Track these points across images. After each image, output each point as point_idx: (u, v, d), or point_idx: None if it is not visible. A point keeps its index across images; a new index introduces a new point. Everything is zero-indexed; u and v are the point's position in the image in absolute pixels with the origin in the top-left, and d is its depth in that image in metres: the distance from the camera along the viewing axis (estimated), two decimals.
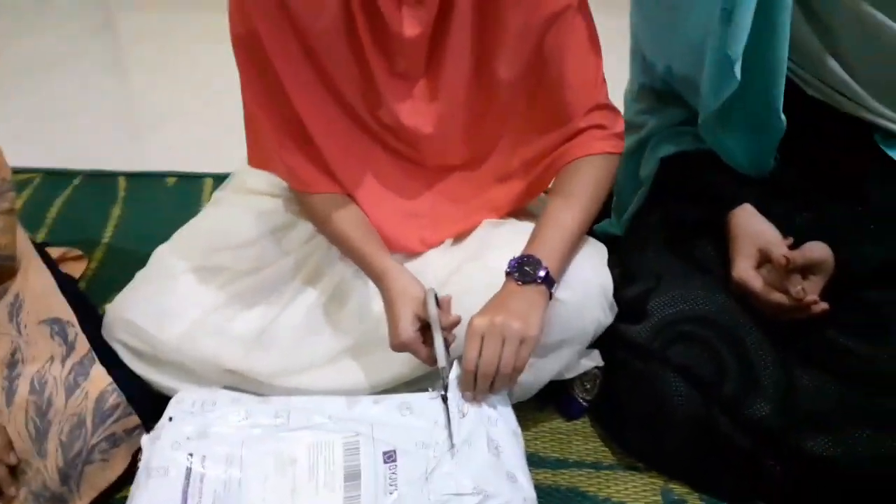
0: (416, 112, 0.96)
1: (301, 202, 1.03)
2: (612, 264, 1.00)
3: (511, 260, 0.89)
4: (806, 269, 0.89)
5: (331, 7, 0.88)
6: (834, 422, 0.83)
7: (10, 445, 0.87)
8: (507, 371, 0.82)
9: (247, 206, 1.14)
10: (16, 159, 1.71)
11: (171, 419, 0.83)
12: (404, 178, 1.03)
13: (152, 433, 0.84)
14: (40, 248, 1.15)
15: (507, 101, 0.95)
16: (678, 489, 0.93)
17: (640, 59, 1.16)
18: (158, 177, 1.69)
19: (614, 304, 0.97)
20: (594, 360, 0.99)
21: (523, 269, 0.87)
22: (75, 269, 1.34)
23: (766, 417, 0.84)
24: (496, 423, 0.82)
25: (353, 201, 1.00)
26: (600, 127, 0.96)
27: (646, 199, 1.14)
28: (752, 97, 0.92)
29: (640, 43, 1.14)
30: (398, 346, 0.87)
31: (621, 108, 1.05)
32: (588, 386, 1.01)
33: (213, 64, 2.21)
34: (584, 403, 1.02)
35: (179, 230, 1.14)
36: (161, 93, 2.22)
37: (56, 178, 1.68)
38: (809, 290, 0.87)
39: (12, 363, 0.93)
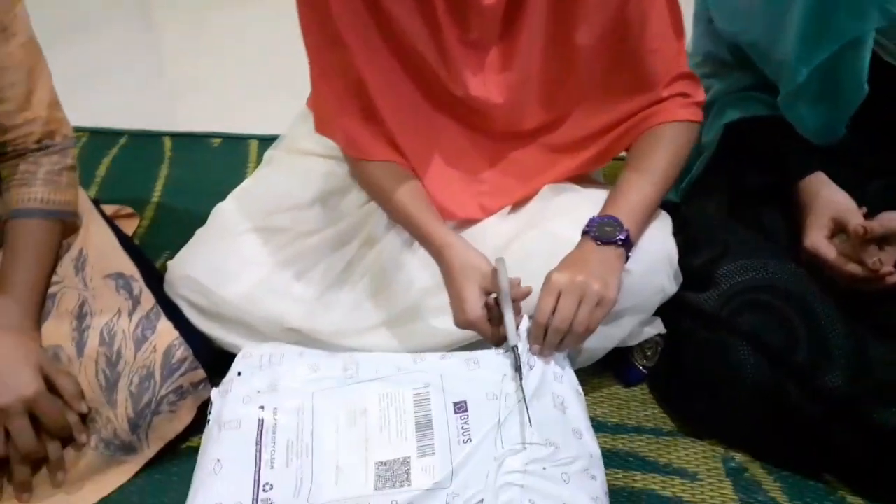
0: (485, 82, 0.94)
1: (356, 170, 1.01)
2: (675, 232, 0.99)
3: (591, 219, 0.88)
4: (882, 240, 0.87)
5: None
6: None
7: (81, 394, 0.89)
8: (580, 330, 0.81)
9: (302, 167, 1.13)
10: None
11: (239, 374, 0.84)
12: (469, 145, 1.01)
13: (221, 387, 0.84)
14: (95, 205, 1.16)
15: (585, 68, 0.93)
16: (739, 457, 0.92)
17: (704, 25, 1.13)
18: (203, 137, 1.69)
19: (679, 272, 0.96)
20: (656, 327, 0.98)
21: (603, 229, 0.86)
22: (128, 227, 1.34)
23: (838, 388, 0.83)
24: (561, 380, 0.82)
25: (410, 170, 0.98)
26: (683, 95, 0.95)
27: (707, 166, 1.12)
28: (841, 65, 0.90)
29: (712, 9, 1.10)
30: (464, 323, 0.85)
31: None
32: (648, 353, 1.00)
33: (246, 26, 2.20)
34: (644, 370, 1.01)
35: (237, 189, 1.13)
36: (197, 54, 2.21)
37: (103, 138, 1.69)
38: (886, 261, 0.85)
39: (81, 315, 0.94)
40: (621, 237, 0.86)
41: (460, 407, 0.78)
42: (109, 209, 1.32)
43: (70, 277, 0.98)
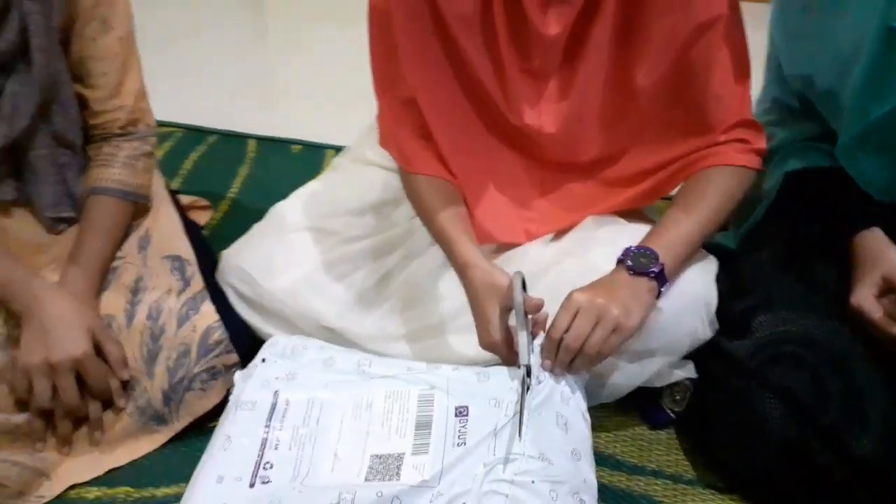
0: (540, 111, 0.95)
1: (406, 183, 1.04)
2: (722, 277, 0.96)
3: (627, 248, 0.87)
4: None
5: None
6: None
7: (125, 362, 0.95)
8: (591, 353, 0.80)
9: (362, 175, 1.18)
10: (162, 113, 1.85)
11: (263, 360, 0.88)
12: (522, 172, 1.03)
13: (245, 371, 0.89)
14: (172, 195, 1.24)
15: (646, 105, 0.93)
16: None
17: (774, 70, 1.11)
18: (285, 143, 1.78)
19: (715, 320, 0.93)
20: (687, 371, 0.95)
21: (638, 260, 0.85)
22: (201, 217, 1.43)
23: (867, 454, 0.78)
24: (567, 402, 0.81)
25: (455, 188, 0.99)
26: (742, 141, 0.93)
27: (766, 214, 1.09)
28: None
29: (779, 54, 1.09)
30: (488, 345, 0.85)
31: None
32: (678, 397, 0.97)
33: (347, 43, 2.30)
34: (672, 414, 0.98)
35: (298, 190, 1.19)
36: (296, 65, 2.34)
37: (194, 134, 1.81)
38: None
39: (135, 289, 1.01)
40: (654, 269, 0.85)
41: (461, 411, 0.79)
42: (186, 199, 1.40)
43: (132, 254, 1.05)
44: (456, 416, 0.79)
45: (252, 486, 0.75)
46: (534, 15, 0.88)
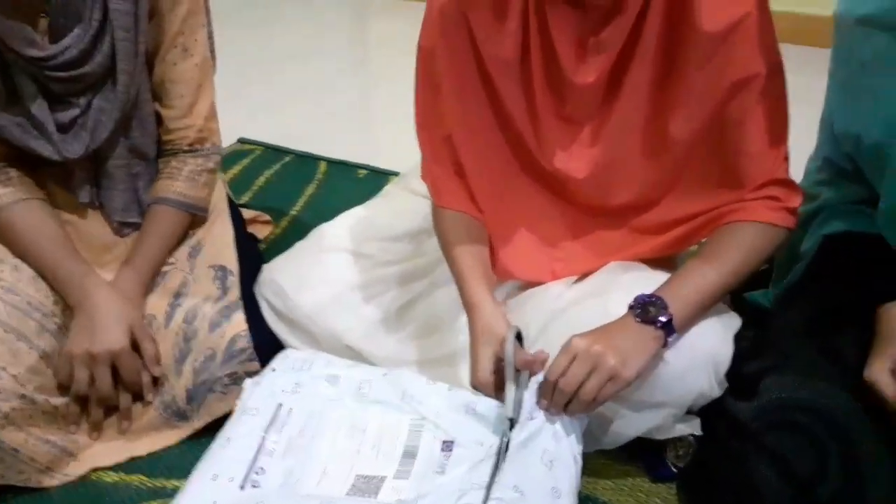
0: (571, 156, 0.97)
1: (433, 214, 1.06)
2: (747, 336, 0.94)
3: (638, 295, 0.87)
4: None
5: (512, 35, 0.91)
6: None
7: (158, 359, 1.03)
8: (586, 399, 0.81)
9: (406, 204, 1.23)
10: (249, 132, 1.99)
11: (273, 370, 0.94)
12: (554, 214, 1.04)
13: (255, 378, 0.95)
14: (236, 207, 1.33)
15: (677, 157, 0.93)
16: None
17: (828, 129, 1.08)
18: (353, 167, 1.86)
19: (724, 379, 0.91)
20: (692, 427, 0.93)
21: (646, 308, 0.85)
22: (261, 231, 1.52)
23: None
24: (559, 441, 0.81)
25: (479, 226, 1.02)
26: (773, 198, 0.92)
27: (802, 275, 1.05)
28: None
29: (832, 109, 1.06)
30: (476, 385, 0.88)
31: (801, 174, 0.98)
32: (681, 452, 0.96)
33: None
34: (674, 469, 0.97)
35: (346, 213, 1.26)
36: (383, 95, 2.44)
37: (272, 154, 1.93)
38: None
39: (178, 293, 1.09)
40: (662, 319, 0.84)
41: (447, 445, 0.81)
42: (249, 213, 1.50)
43: (182, 261, 1.14)
44: (441, 450, 0.82)
45: (242, 487, 0.80)
46: (567, 64, 0.90)
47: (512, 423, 0.80)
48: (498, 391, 0.86)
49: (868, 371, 0.83)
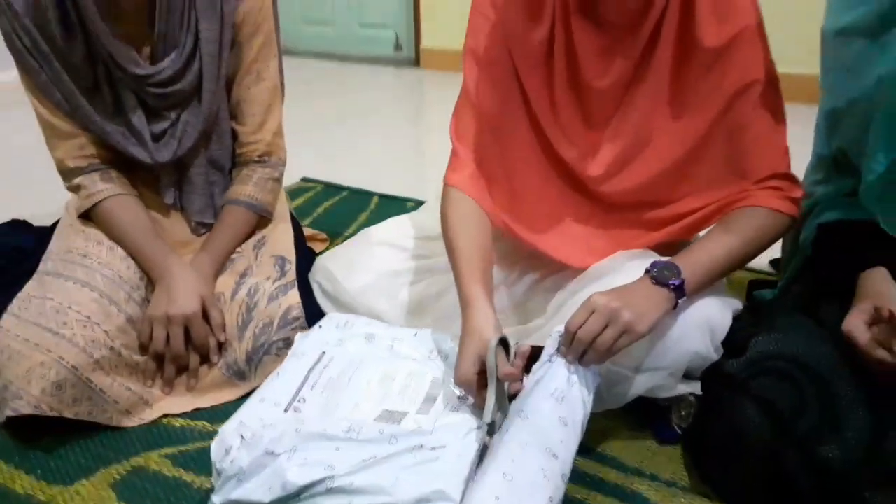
0: (586, 153, 1.08)
1: (442, 195, 1.11)
2: (747, 318, 1.03)
3: (655, 261, 0.96)
4: None
5: (540, 39, 1.01)
6: None
7: (223, 327, 1.19)
8: (600, 350, 0.88)
9: None
10: (313, 172, 2.22)
11: (320, 327, 1.08)
12: (572, 202, 1.14)
13: (304, 332, 1.09)
14: (298, 221, 1.51)
15: (689, 157, 1.03)
16: None
17: (821, 130, 1.18)
18: (402, 200, 2.05)
19: (720, 346, 0.99)
20: (691, 387, 1.02)
21: (662, 271, 0.94)
22: (318, 247, 1.69)
23: (833, 459, 0.81)
24: (571, 385, 0.88)
25: (483, 215, 1.08)
26: (776, 189, 1.02)
27: (803, 266, 1.14)
28: None
29: (825, 112, 1.15)
30: (459, 382, 0.91)
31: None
32: (683, 413, 1.04)
33: None
34: (678, 430, 1.04)
35: (390, 218, 1.42)
36: (434, 144, 2.67)
37: (331, 189, 2.13)
38: None
39: (243, 274, 1.26)
40: (675, 282, 0.93)
41: (465, 397, 0.93)
42: (309, 231, 1.68)
43: (248, 251, 1.32)
44: (459, 397, 0.93)
45: (286, 410, 0.93)
46: (587, 66, 1.01)
47: (490, 428, 0.86)
48: (480, 390, 0.90)
49: (845, 323, 0.91)
